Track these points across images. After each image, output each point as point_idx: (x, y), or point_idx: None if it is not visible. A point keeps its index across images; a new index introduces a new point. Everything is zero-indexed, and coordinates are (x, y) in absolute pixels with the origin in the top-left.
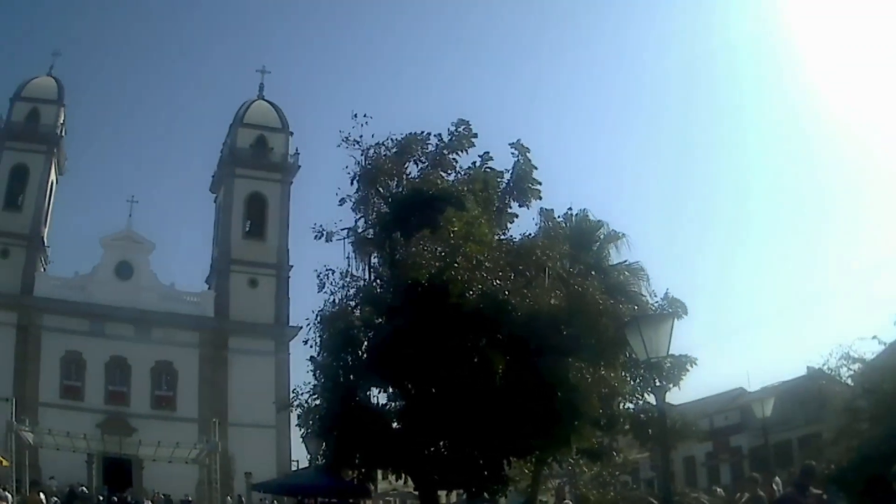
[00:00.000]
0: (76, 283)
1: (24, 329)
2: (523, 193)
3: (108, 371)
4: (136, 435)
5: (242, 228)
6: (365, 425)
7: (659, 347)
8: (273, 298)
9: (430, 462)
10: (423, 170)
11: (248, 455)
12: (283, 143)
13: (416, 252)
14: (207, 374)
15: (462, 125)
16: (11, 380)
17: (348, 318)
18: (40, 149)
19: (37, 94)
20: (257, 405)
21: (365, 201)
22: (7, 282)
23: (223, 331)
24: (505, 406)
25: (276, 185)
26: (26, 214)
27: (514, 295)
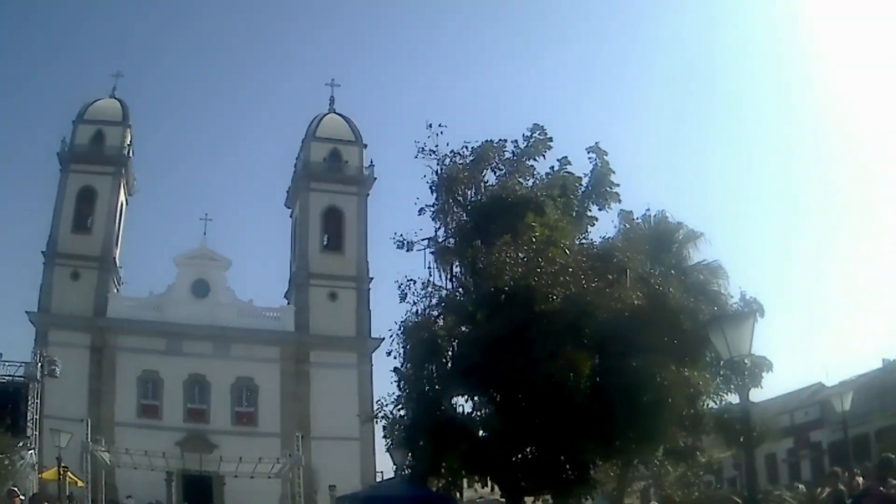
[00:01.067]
0: (151, 302)
1: (98, 350)
2: (602, 197)
3: (186, 389)
4: (217, 451)
5: (320, 242)
6: (450, 434)
7: (741, 346)
8: (354, 311)
9: (517, 468)
10: (500, 177)
11: (331, 468)
12: (358, 156)
13: (498, 259)
14: (289, 388)
15: (537, 130)
16: (86, 401)
17: (431, 327)
18: (107, 170)
19: (101, 116)
20: (340, 418)
21: (444, 210)
22: (79, 304)
23: (304, 345)
24: (591, 408)
25: (353, 198)
26: (96, 236)
27: (596, 297)
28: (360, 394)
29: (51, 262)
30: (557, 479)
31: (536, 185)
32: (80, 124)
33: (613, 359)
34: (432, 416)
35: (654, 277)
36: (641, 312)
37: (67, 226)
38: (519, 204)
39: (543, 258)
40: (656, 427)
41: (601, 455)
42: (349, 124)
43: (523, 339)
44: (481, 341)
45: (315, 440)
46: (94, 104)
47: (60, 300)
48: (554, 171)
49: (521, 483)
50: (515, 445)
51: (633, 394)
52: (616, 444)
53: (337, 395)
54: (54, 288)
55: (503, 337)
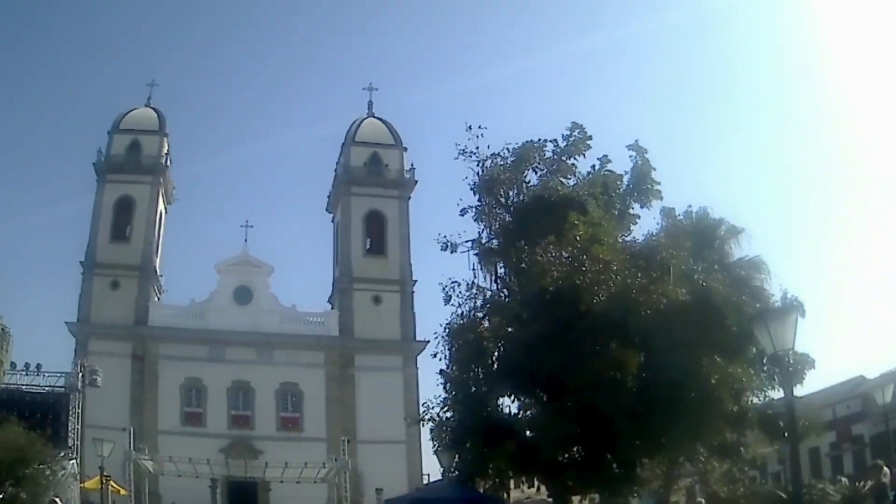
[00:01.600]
0: (193, 310)
1: (139, 359)
2: (644, 194)
3: (230, 396)
4: (262, 457)
5: (363, 246)
6: (497, 435)
7: (785, 340)
8: (398, 314)
9: (564, 468)
10: (542, 176)
11: (378, 471)
12: (398, 159)
13: (542, 259)
14: (334, 392)
15: (577, 129)
16: (128, 410)
17: (477, 329)
18: (145, 179)
19: (136, 125)
20: (386, 421)
21: (486, 211)
22: (120, 313)
23: (349, 349)
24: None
25: (394, 202)
26: (135, 245)
27: (641, 295)
28: (405, 397)
29: (90, 272)
30: (604, 478)
31: (578, 184)
32: (115, 134)
33: (659, 355)
34: (479, 417)
35: (697, 274)
36: (686, 309)
37: (106, 235)
38: (561, 203)
39: (587, 257)
40: (703, 423)
41: (648, 452)
42: (388, 128)
43: (569, 339)
44: (527, 341)
45: (361, 444)
46: (129, 114)
47: (100, 310)
48: (595, 169)
49: (567, 482)
50: (562, 445)
51: (680, 390)
52: (662, 440)
53: (382, 399)
54: (94, 298)
55: (549, 336)
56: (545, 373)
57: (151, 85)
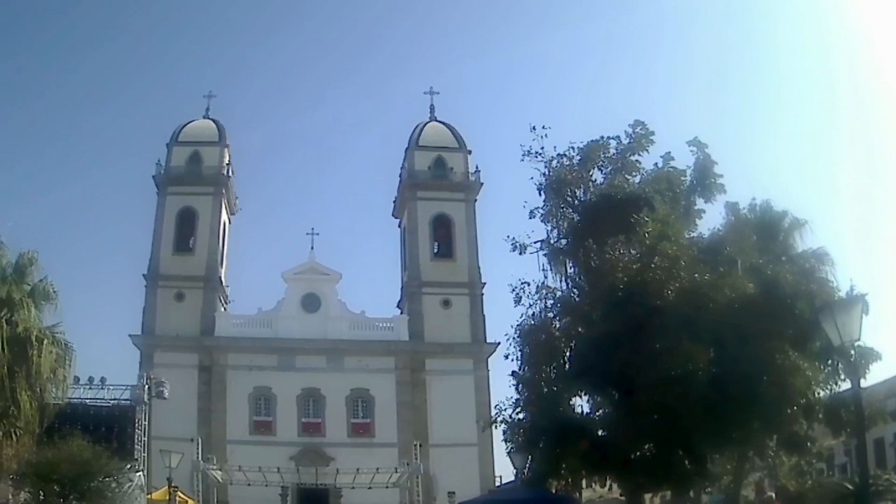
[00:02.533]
0: (260, 319)
1: (206, 369)
2: (707, 189)
3: (300, 403)
4: (333, 464)
5: (430, 250)
6: (570, 435)
7: (851, 332)
8: (468, 317)
9: (636, 465)
10: (607, 175)
11: (450, 475)
12: (462, 162)
13: (611, 257)
14: (405, 397)
15: (639, 126)
16: (196, 420)
17: (548, 329)
18: (207, 191)
19: (196, 137)
20: (458, 424)
21: (554, 212)
22: (185, 324)
23: (419, 353)
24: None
25: (460, 205)
26: (199, 256)
27: (710, 290)
28: (477, 399)
29: (153, 284)
30: (676, 475)
31: (643, 182)
32: (175, 146)
33: (731, 349)
34: (551, 417)
35: (764, 266)
36: (755, 301)
37: (169, 247)
38: (628, 201)
39: (657, 253)
40: (775, 415)
41: (719, 447)
42: (452, 131)
43: (639, 336)
44: (598, 340)
45: (433, 447)
46: (188, 125)
47: (165, 322)
48: (658, 166)
49: (640, 480)
50: (634, 442)
51: (752, 381)
52: (734, 435)
53: (454, 402)
54: (158, 310)
55: (619, 334)
56: (616, 371)
57: (209, 96)
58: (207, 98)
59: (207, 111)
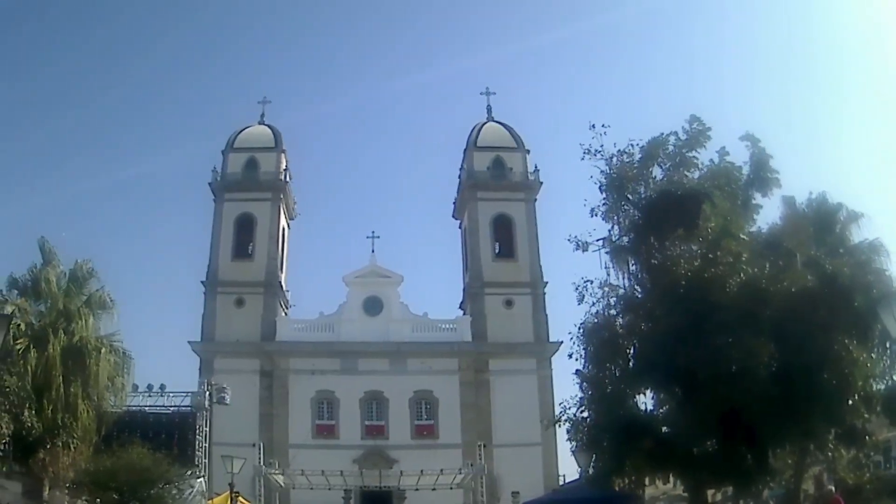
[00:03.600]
0: (322, 323)
1: (268, 374)
2: (764, 183)
3: (363, 406)
4: (397, 466)
5: (492, 250)
6: (634, 432)
7: None
8: (530, 316)
9: (699, 462)
10: (666, 172)
11: (513, 475)
12: (521, 162)
13: (673, 253)
14: (469, 398)
15: (695, 122)
16: (257, 425)
17: (611, 327)
18: (264, 196)
19: (252, 143)
20: (521, 424)
21: (615, 209)
22: (246, 330)
23: (483, 354)
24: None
25: (520, 204)
26: (259, 262)
27: (770, 283)
28: (540, 399)
29: (212, 290)
30: (739, 470)
31: (702, 177)
32: (231, 153)
33: (793, 342)
34: (615, 415)
35: (822, 259)
36: (815, 294)
37: (227, 254)
38: (688, 197)
39: (719, 249)
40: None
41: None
42: (509, 131)
43: (702, 332)
44: (661, 337)
45: (497, 448)
46: (243, 132)
47: (225, 327)
48: (714, 161)
49: (703, 477)
50: (698, 439)
51: (813, 375)
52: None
53: (517, 402)
54: (218, 316)
55: (682, 330)
56: (679, 367)
57: (264, 102)
58: (262, 104)
59: (262, 117)
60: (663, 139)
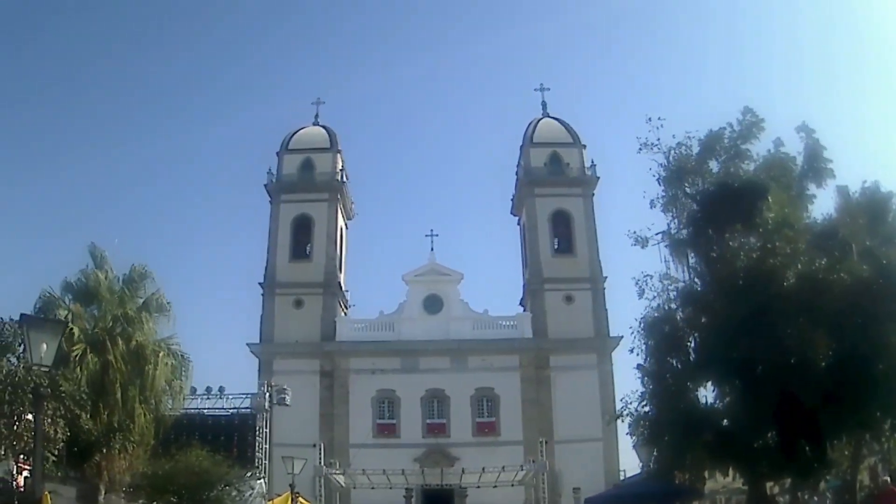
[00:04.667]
0: (382, 322)
1: (328, 375)
2: (818, 174)
3: (424, 405)
4: (459, 464)
5: (551, 246)
6: (694, 426)
7: None
8: (590, 312)
9: (759, 454)
10: (722, 164)
11: (575, 470)
12: (578, 157)
13: (731, 245)
14: (530, 395)
15: (749, 113)
16: (317, 426)
17: (672, 321)
18: (321, 197)
19: (307, 144)
20: (582, 420)
21: (674, 202)
22: (305, 331)
23: (543, 350)
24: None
25: (578, 200)
26: (317, 263)
27: (827, 274)
28: (601, 394)
29: (271, 292)
30: (798, 462)
31: (757, 169)
32: (286, 154)
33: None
34: (676, 409)
35: (877, 249)
36: (870, 285)
37: (285, 255)
38: (745, 189)
39: (776, 240)
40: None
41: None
42: (565, 127)
43: (761, 323)
44: (721, 329)
45: (558, 444)
46: (298, 133)
47: (284, 329)
48: (771, 152)
49: (763, 469)
50: (757, 431)
51: (870, 365)
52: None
53: (578, 398)
54: (277, 317)
55: (742, 323)
56: (739, 359)
57: (318, 103)
58: (316, 105)
59: (317, 118)
60: (719, 132)
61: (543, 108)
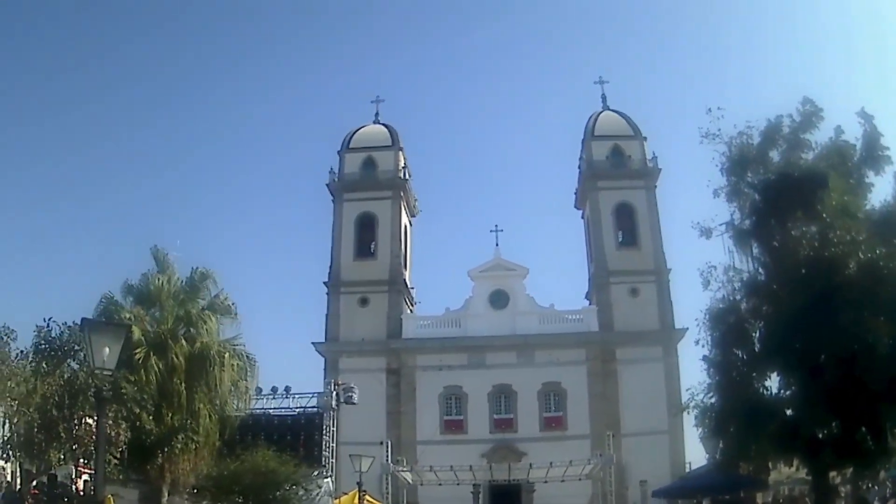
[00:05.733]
0: (448, 319)
1: (394, 372)
2: (876, 161)
3: (491, 400)
4: (526, 459)
5: (615, 239)
6: (759, 417)
7: None
8: (655, 304)
9: (823, 445)
10: (782, 153)
11: (641, 463)
12: (639, 150)
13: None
14: (597, 388)
15: (808, 103)
16: (384, 423)
17: (737, 311)
18: (384, 195)
19: (368, 142)
20: (648, 412)
21: (736, 192)
22: (371, 329)
23: (610, 343)
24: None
25: (641, 192)
26: (382, 261)
27: (887, 261)
28: (667, 386)
29: (336, 291)
30: (859, 452)
31: (816, 157)
32: (347, 153)
33: None
34: (741, 400)
35: None
36: None
37: (349, 253)
38: (805, 178)
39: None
40: None
41: None
42: (626, 119)
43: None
44: (784, 319)
45: (625, 437)
46: (359, 131)
47: (349, 327)
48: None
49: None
50: (822, 421)
51: None
52: None
53: (644, 390)
54: (342, 316)
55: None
56: (803, 349)
57: (377, 101)
58: (376, 103)
59: (377, 116)
60: (779, 121)
61: (603, 101)
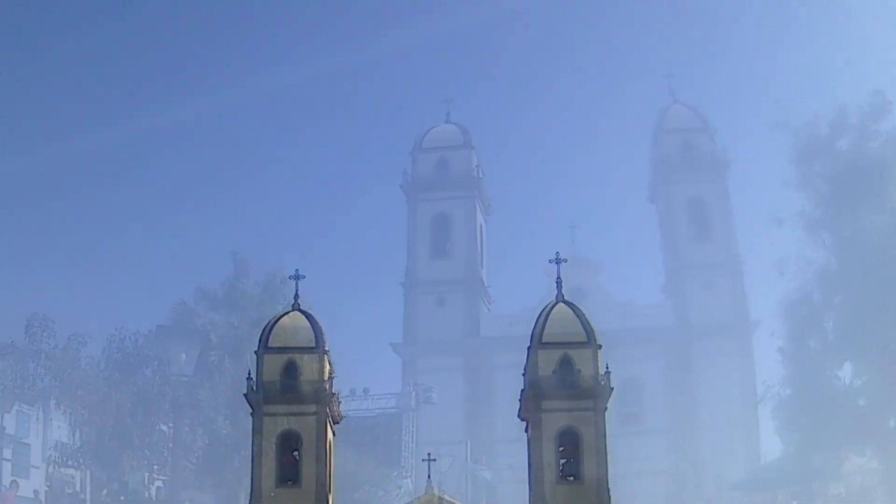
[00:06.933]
0: (525, 316)
1: (473, 371)
2: None
3: None
4: None
5: (688, 232)
6: (833, 407)
7: None
8: (730, 296)
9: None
10: (851, 143)
11: (717, 456)
12: (709, 142)
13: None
14: (674, 382)
15: (877, 94)
16: (462, 423)
17: (810, 303)
18: (458, 194)
19: (440, 142)
20: (725, 405)
21: (806, 183)
22: (448, 328)
23: (686, 337)
24: None
25: (713, 184)
26: (457, 260)
27: None
28: (743, 379)
29: (412, 291)
30: None
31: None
32: (420, 153)
33: None
34: (815, 391)
35: None
36: None
37: (425, 253)
38: (872, 167)
39: None
40: None
41: None
42: (695, 112)
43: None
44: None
45: (701, 431)
46: (431, 132)
47: (427, 327)
48: None
49: None
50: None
51: None
52: None
53: (720, 383)
54: (419, 316)
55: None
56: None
57: (448, 101)
58: (447, 103)
59: (448, 116)
60: (846, 112)
61: (672, 94)
